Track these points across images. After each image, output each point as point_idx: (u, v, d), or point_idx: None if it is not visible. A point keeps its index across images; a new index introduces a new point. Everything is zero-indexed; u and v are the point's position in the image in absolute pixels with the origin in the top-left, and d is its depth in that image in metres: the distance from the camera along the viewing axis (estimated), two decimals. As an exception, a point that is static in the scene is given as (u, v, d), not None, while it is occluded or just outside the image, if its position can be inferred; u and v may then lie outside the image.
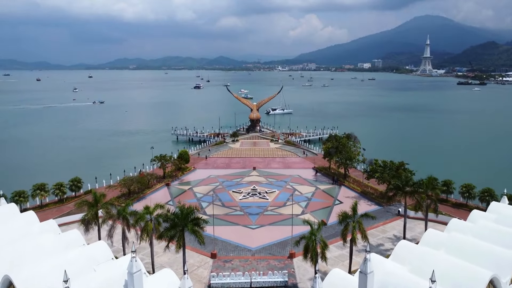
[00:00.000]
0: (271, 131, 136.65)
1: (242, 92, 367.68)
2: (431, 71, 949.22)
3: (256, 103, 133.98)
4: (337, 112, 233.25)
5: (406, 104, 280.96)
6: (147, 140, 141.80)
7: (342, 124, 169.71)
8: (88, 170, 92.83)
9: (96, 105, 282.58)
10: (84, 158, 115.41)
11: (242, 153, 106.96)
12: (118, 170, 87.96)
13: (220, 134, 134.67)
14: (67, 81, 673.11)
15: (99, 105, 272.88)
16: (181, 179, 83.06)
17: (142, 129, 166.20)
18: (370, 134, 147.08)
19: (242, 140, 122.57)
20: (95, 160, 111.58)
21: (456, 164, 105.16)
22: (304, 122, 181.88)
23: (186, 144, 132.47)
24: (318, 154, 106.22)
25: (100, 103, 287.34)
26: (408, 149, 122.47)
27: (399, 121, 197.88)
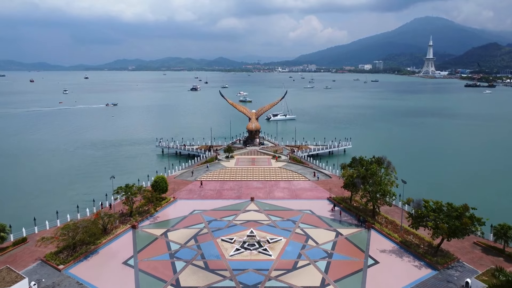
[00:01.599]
0: (273, 144, 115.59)
1: (241, 94, 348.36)
2: (434, 72, 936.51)
3: (256, 110, 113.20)
4: (345, 117, 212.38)
5: (422, 108, 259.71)
6: (127, 153, 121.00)
7: (354, 134, 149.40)
8: (30, 205, 72.55)
9: (110, 107, 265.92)
10: (30, 185, 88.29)
11: (237, 174, 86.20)
12: (71, 205, 67.61)
13: (213, 147, 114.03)
14: (61, 82, 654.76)
15: (88, 108, 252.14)
16: (154, 217, 62.26)
17: (125, 139, 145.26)
18: (395, 149, 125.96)
19: (238, 156, 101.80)
20: (45, 188, 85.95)
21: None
22: (309, 130, 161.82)
23: (172, 158, 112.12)
24: (332, 176, 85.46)
25: (114, 105, 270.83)
26: (455, 175, 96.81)
27: (425, 130, 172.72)
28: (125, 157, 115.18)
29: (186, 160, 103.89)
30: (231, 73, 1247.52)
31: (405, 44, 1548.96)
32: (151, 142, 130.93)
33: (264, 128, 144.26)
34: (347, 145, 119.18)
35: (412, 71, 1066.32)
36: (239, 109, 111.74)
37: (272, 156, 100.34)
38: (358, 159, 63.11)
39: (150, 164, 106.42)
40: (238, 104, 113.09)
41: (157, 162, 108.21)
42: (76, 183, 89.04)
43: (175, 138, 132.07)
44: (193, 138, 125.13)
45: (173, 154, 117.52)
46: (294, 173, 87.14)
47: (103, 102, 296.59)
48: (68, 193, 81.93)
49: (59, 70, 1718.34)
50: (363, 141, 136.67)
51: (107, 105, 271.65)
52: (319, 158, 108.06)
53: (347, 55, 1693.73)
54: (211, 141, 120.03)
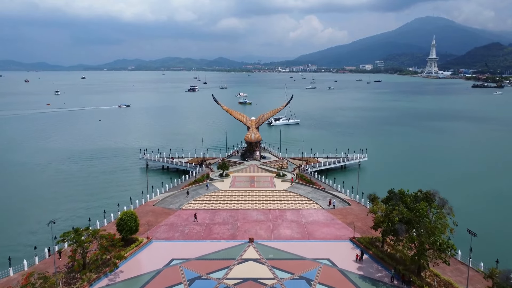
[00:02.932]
0: (276, 157, 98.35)
1: (240, 96, 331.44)
2: (437, 72, 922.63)
3: (256, 118, 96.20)
4: (354, 121, 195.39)
5: (437, 110, 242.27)
6: (107, 167, 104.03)
7: (368, 142, 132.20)
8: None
9: (122, 108, 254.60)
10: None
11: (233, 199, 69.32)
12: (8, 251, 51.04)
13: (205, 161, 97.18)
14: (57, 82, 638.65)
15: (79, 111, 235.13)
16: (114, 274, 45.14)
17: (107, 148, 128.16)
18: (423, 163, 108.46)
19: (235, 173, 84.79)
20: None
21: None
22: (315, 137, 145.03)
23: (158, 174, 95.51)
24: (350, 202, 68.58)
25: (126, 106, 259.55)
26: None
27: (454, 137, 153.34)
28: (103, 173, 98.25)
29: (173, 177, 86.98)
30: (231, 73, 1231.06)
31: (406, 44, 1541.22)
32: (135, 152, 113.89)
33: (265, 135, 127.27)
34: (362, 158, 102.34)
35: (414, 71, 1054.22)
36: (236, 116, 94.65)
37: (276, 174, 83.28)
38: (398, 193, 45.99)
39: (131, 182, 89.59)
40: (235, 111, 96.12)
41: (140, 180, 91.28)
42: (28, 214, 71.51)
43: (163, 148, 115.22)
44: (182, 150, 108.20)
45: (159, 168, 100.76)
46: (303, 198, 70.22)
47: (95, 104, 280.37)
48: (10, 230, 64.45)
49: (58, 70, 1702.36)
50: (381, 152, 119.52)
51: (119, 106, 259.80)
52: (330, 175, 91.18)
53: (348, 55, 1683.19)
54: (203, 153, 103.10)
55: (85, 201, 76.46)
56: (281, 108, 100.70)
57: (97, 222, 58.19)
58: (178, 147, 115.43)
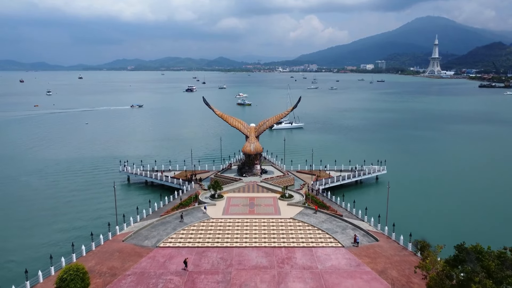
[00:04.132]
0: (280, 171, 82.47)
1: (240, 96, 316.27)
2: (439, 72, 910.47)
3: (255, 125, 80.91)
4: (363, 124, 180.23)
5: (453, 112, 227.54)
6: (82, 182, 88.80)
7: (383, 149, 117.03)
8: None
9: (135, 109, 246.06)
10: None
11: (226, 233, 54.07)
12: None
13: (195, 174, 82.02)
14: (53, 82, 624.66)
15: (68, 113, 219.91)
16: None
17: (87, 157, 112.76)
18: (458, 178, 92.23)
19: (229, 194, 69.45)
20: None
21: None
22: (322, 142, 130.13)
23: (139, 191, 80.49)
24: (378, 236, 53.30)
25: (139, 106, 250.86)
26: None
27: (486, 142, 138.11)
28: (73, 190, 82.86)
29: (155, 197, 71.73)
30: (230, 73, 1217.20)
31: (407, 44, 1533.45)
32: (117, 163, 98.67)
33: (265, 141, 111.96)
34: (380, 171, 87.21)
35: (416, 71, 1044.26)
36: (232, 123, 78.99)
37: (280, 194, 67.94)
38: (473, 252, 30.66)
39: (105, 203, 74.25)
40: (231, 116, 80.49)
41: (118, 200, 76.03)
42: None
43: (148, 158, 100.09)
44: (170, 161, 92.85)
45: (142, 183, 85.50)
46: (316, 229, 54.95)
47: (89, 105, 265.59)
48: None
49: (58, 70, 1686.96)
50: (401, 163, 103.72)
51: (132, 107, 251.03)
52: (344, 192, 75.99)
53: (348, 55, 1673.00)
54: (194, 165, 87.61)
55: (31, 236, 59.77)
56: (286, 113, 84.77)
57: (27, 283, 40.07)
58: (166, 157, 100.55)
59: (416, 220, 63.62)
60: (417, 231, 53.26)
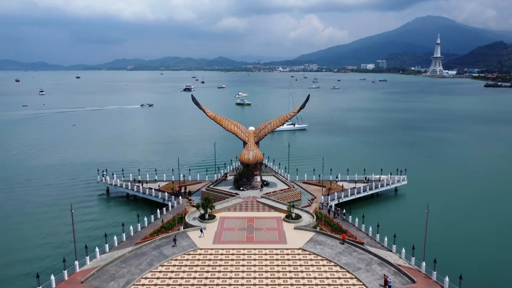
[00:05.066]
0: (284, 183, 69.39)
1: (239, 96, 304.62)
2: (442, 72, 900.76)
3: (255, 128, 68.69)
4: (374, 125, 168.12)
5: (470, 112, 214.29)
6: (54, 195, 76.45)
7: (399, 154, 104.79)
8: None
9: (145, 108, 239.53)
10: None
11: (216, 271, 41.85)
12: None
13: (185, 187, 69.83)
14: (49, 82, 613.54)
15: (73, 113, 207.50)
16: None
17: (64, 164, 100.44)
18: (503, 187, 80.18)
19: (223, 212, 57.20)
20: None
21: None
22: (328, 145, 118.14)
23: (120, 207, 68.52)
24: (413, 275, 41.03)
25: (149, 105, 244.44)
26: None
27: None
28: (41, 205, 70.65)
29: (142, 213, 59.40)
30: (230, 72, 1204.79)
31: (407, 43, 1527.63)
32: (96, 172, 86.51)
33: (266, 146, 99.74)
34: (400, 181, 75.07)
35: (417, 71, 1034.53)
36: (227, 126, 66.32)
37: (286, 214, 55.67)
38: None
39: (77, 223, 61.82)
40: (225, 118, 68.01)
41: (93, 218, 63.91)
42: None
43: (132, 166, 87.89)
44: (156, 170, 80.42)
45: (123, 196, 73.31)
46: (332, 265, 42.77)
47: (81, 104, 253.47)
48: None
49: (58, 70, 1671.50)
50: (423, 170, 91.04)
51: (141, 106, 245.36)
52: (359, 207, 63.83)
53: (349, 55, 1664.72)
54: (183, 175, 75.29)
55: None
56: (292, 115, 71.40)
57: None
58: (153, 163, 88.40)
59: (457, 251, 51.36)
60: (462, 267, 41.22)
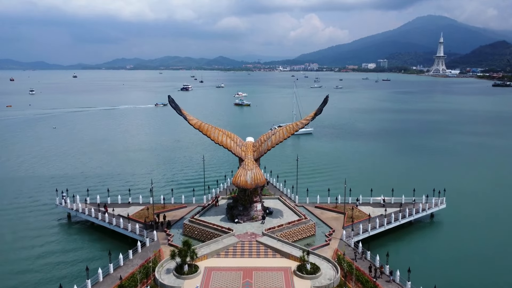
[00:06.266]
0: (292, 210, 53.03)
1: (238, 95, 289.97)
2: (445, 71, 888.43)
3: (255, 140, 52.10)
4: (386, 128, 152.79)
5: (496, 113, 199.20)
6: (8, 228, 60.86)
7: (430, 167, 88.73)
8: None
9: (159, 107, 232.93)
10: None
11: None
12: None
13: (163, 215, 54.10)
14: (44, 81, 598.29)
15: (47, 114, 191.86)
16: None
17: (29, 177, 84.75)
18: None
19: (210, 260, 41.51)
20: None
21: None
22: (339, 152, 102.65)
23: (80, 239, 52.82)
24: None
25: (164, 105, 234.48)
26: None
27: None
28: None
29: (106, 252, 44.06)
30: (230, 72, 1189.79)
31: (408, 43, 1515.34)
32: (71, 186, 70.63)
33: (266, 156, 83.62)
34: (437, 205, 59.59)
35: (419, 70, 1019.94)
36: (216, 138, 48.74)
37: (298, 263, 40.10)
38: None
39: (27, 260, 46.53)
40: (214, 127, 50.19)
41: (44, 257, 48.44)
42: None
43: (101, 184, 72.06)
44: (129, 190, 64.52)
45: (88, 226, 57.70)
46: None
47: (70, 104, 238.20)
48: None
49: (57, 69, 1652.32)
50: (465, 189, 74.18)
51: (156, 105, 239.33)
52: (388, 240, 48.39)
53: (349, 54, 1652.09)
54: (162, 197, 59.56)
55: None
56: (305, 122, 53.03)
57: None
58: (129, 179, 72.59)
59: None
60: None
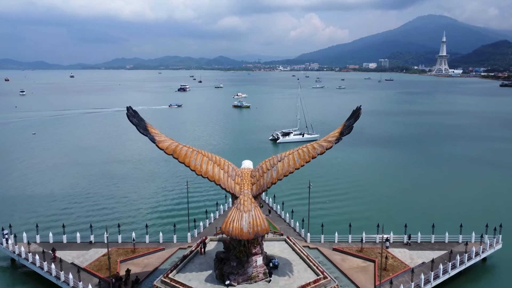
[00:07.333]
0: (309, 264, 37.73)
1: (238, 96, 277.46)
2: (447, 71, 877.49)
3: (255, 168, 36.08)
4: (406, 134, 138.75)
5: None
6: None
7: (485, 184, 74.61)
8: None
9: (173, 108, 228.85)
10: None
11: None
12: None
13: (126, 272, 40.46)
14: (40, 81, 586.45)
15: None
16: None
17: None
18: None
19: None
20: None
21: None
22: (353, 166, 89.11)
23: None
24: None
25: (178, 106, 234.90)
26: None
27: None
28: None
29: None
30: (230, 72, 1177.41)
31: (409, 42, 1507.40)
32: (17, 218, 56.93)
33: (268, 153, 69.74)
34: (493, 246, 46.03)
35: (421, 70, 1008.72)
36: (197, 166, 32.93)
37: None
38: None
39: None
40: (196, 150, 33.94)
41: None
42: None
43: (56, 217, 58.38)
44: (91, 226, 50.44)
45: (37, 275, 44.06)
46: None
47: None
48: None
49: (57, 69, 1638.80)
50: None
51: (170, 106, 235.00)
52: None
53: (350, 54, 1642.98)
54: (132, 234, 45.99)
55: None
56: (331, 142, 37.82)
57: None
58: (91, 211, 58.76)
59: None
60: None
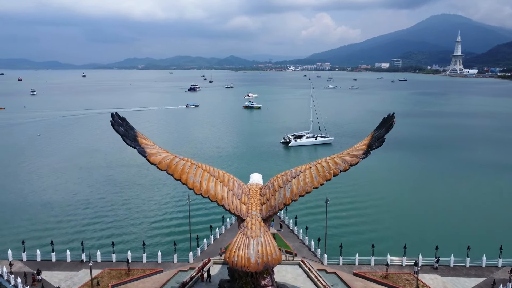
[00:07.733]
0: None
1: (249, 97, 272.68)
2: (462, 71, 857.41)
3: (265, 184, 31.52)
4: (422, 135, 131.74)
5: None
6: None
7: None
8: None
9: (190, 108, 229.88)
10: None
11: None
12: None
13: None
14: (52, 81, 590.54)
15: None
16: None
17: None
18: None
19: None
20: None
21: None
22: (369, 174, 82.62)
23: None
24: None
25: (195, 106, 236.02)
26: None
27: None
28: None
29: None
30: (241, 71, 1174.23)
31: (422, 42, 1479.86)
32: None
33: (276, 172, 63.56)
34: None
35: (435, 70, 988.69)
36: (196, 184, 27.55)
37: None
38: None
39: None
40: (196, 166, 28.57)
41: None
42: None
43: (47, 232, 53.85)
44: (82, 243, 45.36)
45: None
46: None
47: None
48: None
49: (70, 69, 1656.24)
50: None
51: (187, 106, 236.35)
52: None
53: (362, 54, 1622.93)
54: (127, 254, 40.75)
55: None
56: (358, 157, 31.09)
57: None
58: (85, 227, 53.90)
59: None
60: None
